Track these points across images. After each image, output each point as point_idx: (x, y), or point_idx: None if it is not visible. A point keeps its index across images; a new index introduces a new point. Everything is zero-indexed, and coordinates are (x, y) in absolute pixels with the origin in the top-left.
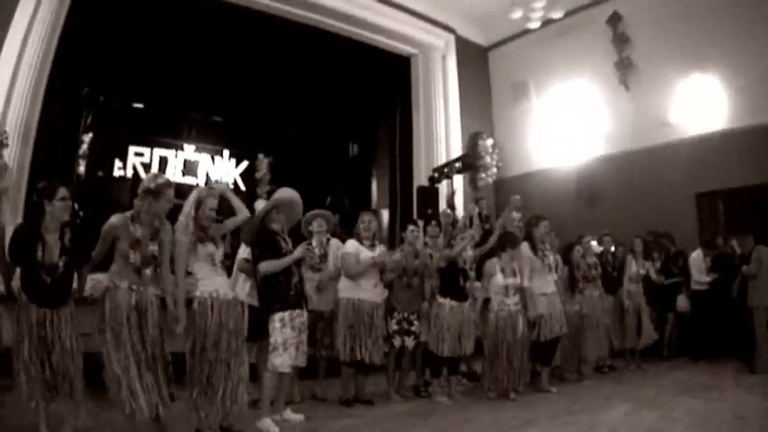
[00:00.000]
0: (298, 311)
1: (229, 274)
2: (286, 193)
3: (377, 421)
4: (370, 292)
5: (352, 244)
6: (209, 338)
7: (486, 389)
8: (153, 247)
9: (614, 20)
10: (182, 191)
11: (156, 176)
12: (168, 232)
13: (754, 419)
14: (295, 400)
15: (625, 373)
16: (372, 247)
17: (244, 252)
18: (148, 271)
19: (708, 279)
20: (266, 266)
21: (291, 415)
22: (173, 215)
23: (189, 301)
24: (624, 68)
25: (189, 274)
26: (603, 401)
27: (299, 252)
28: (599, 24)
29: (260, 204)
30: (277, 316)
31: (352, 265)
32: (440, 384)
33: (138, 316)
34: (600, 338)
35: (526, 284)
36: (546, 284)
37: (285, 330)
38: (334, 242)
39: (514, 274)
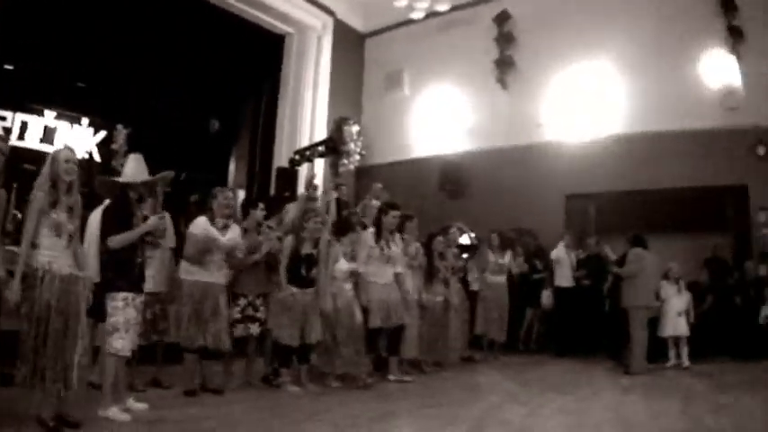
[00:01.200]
0: (138, 293)
1: None
2: (170, 176)
3: (226, 411)
4: (214, 274)
5: (200, 222)
6: (37, 315)
7: (323, 377)
8: None
9: (502, 18)
10: (40, 158)
11: None
12: (2, 198)
13: (638, 420)
14: (137, 388)
15: (484, 365)
16: (225, 228)
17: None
18: None
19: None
20: (119, 240)
21: (134, 404)
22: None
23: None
24: (504, 66)
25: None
26: (465, 394)
27: (153, 222)
28: (485, 21)
29: (132, 165)
30: (120, 295)
31: (189, 249)
32: (290, 373)
33: None
34: (462, 329)
35: (361, 270)
36: (382, 273)
37: (128, 310)
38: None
39: (353, 260)
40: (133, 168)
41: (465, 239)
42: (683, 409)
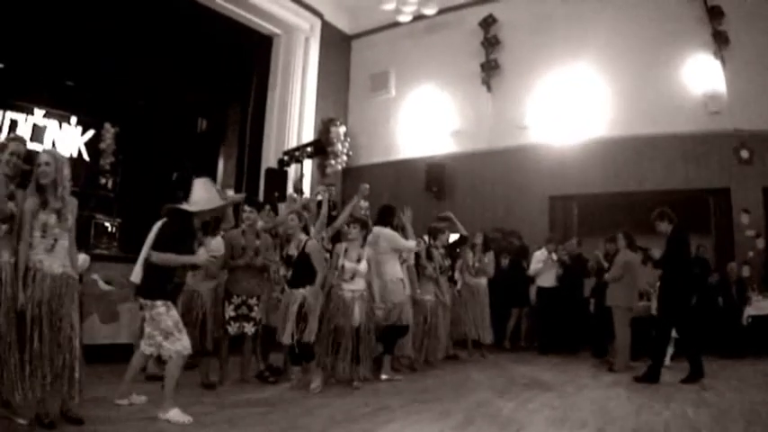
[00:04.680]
0: (173, 303)
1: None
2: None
3: (226, 407)
4: (195, 284)
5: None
6: (26, 314)
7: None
8: (11, 205)
9: (488, 22)
10: (29, 157)
11: None
12: (21, 199)
13: (621, 413)
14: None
15: (471, 363)
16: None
17: None
18: (4, 227)
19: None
20: (165, 258)
21: (136, 397)
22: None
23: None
24: (490, 70)
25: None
26: (455, 391)
27: (201, 259)
28: (471, 25)
29: (200, 190)
30: (158, 302)
31: None
32: (299, 371)
33: None
34: (448, 328)
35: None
36: (398, 271)
37: (172, 313)
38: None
39: (358, 260)
40: (201, 195)
41: (453, 237)
42: (665, 403)
